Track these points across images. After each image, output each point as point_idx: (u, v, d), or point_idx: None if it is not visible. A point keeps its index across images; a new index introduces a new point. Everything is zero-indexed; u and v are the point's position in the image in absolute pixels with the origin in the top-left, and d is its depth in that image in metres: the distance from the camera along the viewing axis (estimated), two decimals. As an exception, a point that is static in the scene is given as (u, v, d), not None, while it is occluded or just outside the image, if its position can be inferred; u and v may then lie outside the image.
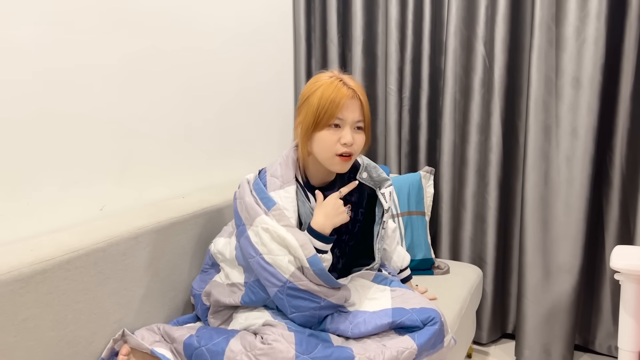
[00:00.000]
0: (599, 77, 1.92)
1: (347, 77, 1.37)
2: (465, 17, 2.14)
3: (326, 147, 1.33)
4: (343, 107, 1.31)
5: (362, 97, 1.36)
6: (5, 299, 1.04)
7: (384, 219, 1.47)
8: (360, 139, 1.36)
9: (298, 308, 1.29)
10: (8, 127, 1.23)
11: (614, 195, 2.06)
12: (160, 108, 1.68)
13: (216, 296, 1.43)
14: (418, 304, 1.32)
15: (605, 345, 2.16)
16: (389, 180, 1.50)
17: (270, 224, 1.32)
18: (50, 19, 1.31)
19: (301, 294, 1.28)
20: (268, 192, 1.37)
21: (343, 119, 1.32)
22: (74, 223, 1.40)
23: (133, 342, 1.31)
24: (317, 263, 1.27)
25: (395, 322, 1.27)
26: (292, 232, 1.30)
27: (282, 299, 1.30)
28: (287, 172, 1.40)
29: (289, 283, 1.27)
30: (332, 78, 1.35)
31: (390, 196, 1.49)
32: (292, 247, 1.28)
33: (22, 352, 1.08)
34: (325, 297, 1.29)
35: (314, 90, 1.34)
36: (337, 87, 1.32)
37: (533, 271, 2.09)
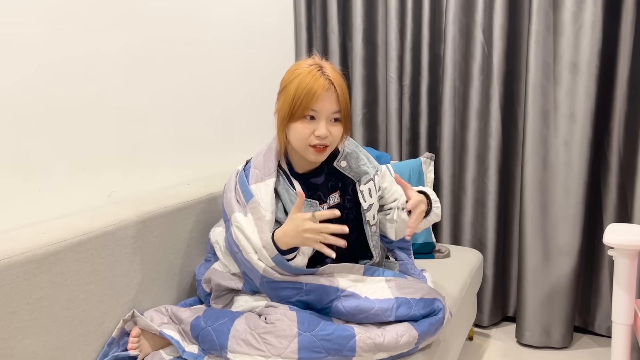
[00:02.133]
0: (596, 61, 1.94)
1: (328, 66, 1.34)
2: (463, 4, 2.17)
3: (300, 138, 1.32)
4: (318, 98, 1.28)
5: (340, 87, 1.32)
6: (20, 278, 1.08)
7: (367, 218, 1.45)
8: (336, 130, 1.33)
9: (283, 297, 1.32)
10: (20, 117, 1.27)
11: (611, 178, 2.09)
12: (166, 97, 1.72)
13: (217, 280, 1.45)
14: (418, 294, 1.32)
15: (604, 326, 2.20)
16: (369, 173, 1.47)
17: (241, 222, 1.32)
18: (55, 11, 1.35)
19: (280, 284, 1.30)
20: (249, 185, 1.37)
21: (318, 111, 1.30)
22: (84, 208, 1.44)
23: (142, 323, 1.35)
24: (281, 262, 1.28)
25: (400, 313, 1.28)
26: (258, 230, 1.30)
27: (267, 290, 1.33)
28: (268, 164, 1.39)
29: (264, 278, 1.30)
30: (312, 67, 1.32)
31: (371, 192, 1.45)
32: (257, 248, 1.29)
33: (37, 329, 1.12)
34: (306, 282, 1.30)
35: (292, 79, 1.32)
36: (314, 77, 1.29)
37: (533, 254, 2.12)
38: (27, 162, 1.29)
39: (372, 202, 1.46)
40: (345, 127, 1.37)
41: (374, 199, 1.47)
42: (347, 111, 1.36)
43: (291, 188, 1.39)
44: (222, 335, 1.26)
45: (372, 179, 1.47)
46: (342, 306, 1.28)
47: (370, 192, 1.46)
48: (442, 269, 1.89)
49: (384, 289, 1.34)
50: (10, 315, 1.07)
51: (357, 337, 1.22)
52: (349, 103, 1.37)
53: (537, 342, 2.16)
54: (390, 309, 1.28)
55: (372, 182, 1.47)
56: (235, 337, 1.24)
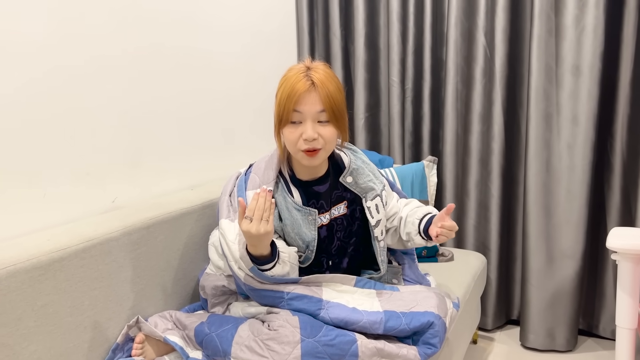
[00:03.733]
0: (598, 64, 1.95)
1: (315, 66, 1.31)
2: (465, 8, 2.17)
3: (290, 143, 1.31)
4: (299, 100, 1.27)
5: (323, 86, 1.27)
6: (25, 285, 1.09)
7: (375, 234, 1.45)
8: (326, 132, 1.29)
9: (266, 303, 1.32)
10: (25, 123, 1.28)
11: (615, 181, 2.09)
12: (169, 103, 1.72)
13: (212, 283, 1.46)
14: (408, 306, 1.30)
15: (608, 329, 2.20)
16: (375, 189, 1.45)
17: (224, 229, 1.33)
18: (60, 17, 1.36)
19: (261, 292, 1.31)
20: (246, 191, 1.37)
21: (302, 112, 1.28)
22: (88, 214, 1.45)
23: (147, 329, 1.35)
24: (257, 273, 1.29)
25: (389, 326, 1.26)
26: (239, 241, 1.29)
27: (252, 295, 1.34)
28: (268, 172, 1.38)
29: (246, 285, 1.31)
30: (298, 71, 1.30)
31: (378, 208, 1.45)
32: (235, 258, 1.30)
33: (43, 336, 1.13)
34: (287, 291, 1.30)
35: (281, 84, 1.32)
36: (296, 79, 1.27)
37: (536, 257, 2.12)
38: (31, 169, 1.30)
39: (380, 218, 1.46)
40: (339, 128, 1.32)
41: (381, 215, 1.46)
42: (338, 111, 1.30)
43: (289, 195, 1.39)
44: (225, 342, 1.26)
45: (379, 195, 1.46)
46: (329, 317, 1.27)
47: (378, 208, 1.45)
48: (446, 273, 1.89)
49: (373, 301, 1.33)
50: (15, 322, 1.07)
51: (358, 342, 1.22)
52: (343, 103, 1.32)
53: (541, 346, 2.16)
54: (378, 322, 1.26)
55: (378, 197, 1.46)
56: (239, 344, 1.24)
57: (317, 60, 1.35)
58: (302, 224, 1.38)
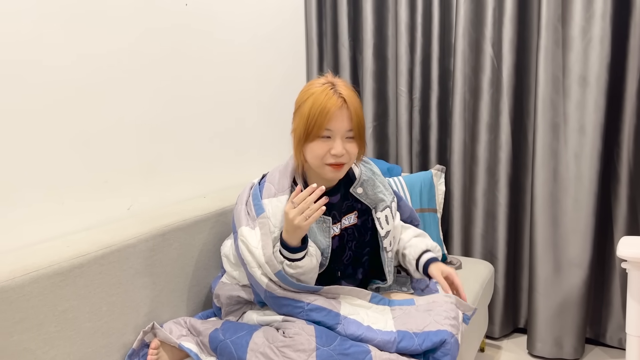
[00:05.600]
0: (605, 75, 1.97)
1: (340, 83, 1.35)
2: (473, 19, 2.20)
3: (317, 157, 1.34)
4: (332, 118, 1.30)
5: (352, 105, 1.33)
6: (47, 290, 1.11)
7: (384, 245, 1.46)
8: (352, 148, 1.35)
9: (284, 312, 1.33)
10: (43, 133, 1.30)
11: (621, 191, 2.11)
12: (183, 113, 1.75)
13: (226, 293, 1.47)
14: (421, 326, 1.30)
15: (616, 338, 2.20)
16: (385, 201, 1.47)
17: (246, 235, 1.34)
18: (76, 26, 1.39)
19: (281, 300, 1.32)
20: (262, 199, 1.39)
21: (333, 130, 1.31)
22: (105, 221, 1.47)
23: (162, 336, 1.37)
24: (283, 278, 1.30)
25: (402, 346, 1.26)
26: (262, 246, 1.31)
27: (269, 303, 1.35)
28: (283, 181, 1.40)
29: (268, 292, 1.32)
30: (325, 85, 1.33)
31: (388, 220, 1.46)
32: (260, 263, 1.31)
33: (63, 341, 1.15)
34: (308, 302, 1.31)
35: (305, 98, 1.34)
36: (327, 96, 1.30)
37: (543, 266, 2.14)
38: (52, 176, 1.32)
39: (390, 229, 1.47)
40: (360, 144, 1.38)
41: (390, 226, 1.48)
42: (362, 128, 1.36)
43: None
44: (240, 348, 1.28)
45: (389, 206, 1.48)
46: (345, 333, 1.28)
47: (387, 219, 1.47)
48: (455, 281, 1.90)
49: (387, 320, 1.33)
50: (37, 327, 1.09)
51: (372, 352, 1.23)
52: (364, 120, 1.39)
53: (549, 354, 2.16)
54: (392, 342, 1.26)
55: (388, 209, 1.48)
56: (254, 350, 1.26)
57: (336, 76, 1.39)
58: (317, 232, 1.40)
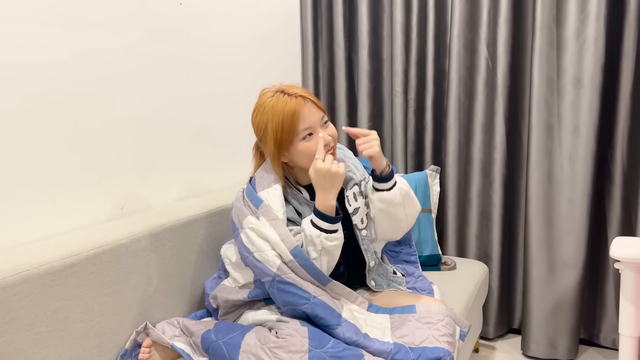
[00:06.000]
0: (599, 76, 1.97)
1: (287, 86, 1.39)
2: (468, 20, 2.20)
3: (309, 156, 1.36)
4: (304, 117, 1.34)
5: (310, 95, 1.38)
6: (38, 290, 1.11)
7: (355, 222, 1.46)
8: (333, 130, 1.40)
9: (288, 303, 1.32)
10: (35, 132, 1.30)
11: (615, 192, 2.11)
12: (177, 112, 1.75)
13: (224, 296, 1.46)
14: (418, 340, 1.28)
15: (609, 339, 2.21)
16: (354, 179, 1.47)
17: (255, 223, 1.35)
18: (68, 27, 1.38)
19: (289, 288, 1.30)
20: (257, 193, 1.41)
21: (311, 126, 1.36)
22: (97, 221, 1.47)
23: (155, 336, 1.37)
24: (299, 254, 1.31)
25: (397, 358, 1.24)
26: (275, 227, 1.33)
27: (274, 294, 1.34)
28: (271, 175, 1.43)
29: (277, 277, 1.31)
30: (276, 94, 1.37)
31: (356, 197, 1.46)
32: (274, 243, 1.32)
33: (54, 341, 1.14)
34: (314, 295, 1.30)
35: (266, 119, 1.36)
36: (283, 103, 1.34)
37: (538, 266, 2.14)
38: (44, 176, 1.32)
39: (358, 206, 1.46)
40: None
41: (359, 203, 1.46)
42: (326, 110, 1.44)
43: (299, 193, 1.45)
44: (232, 349, 1.27)
45: (358, 184, 1.48)
46: (343, 336, 1.27)
47: (356, 196, 1.47)
48: (449, 282, 1.91)
49: (385, 330, 1.32)
50: (28, 327, 1.09)
51: (365, 357, 1.23)
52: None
53: (543, 355, 2.17)
54: (387, 352, 1.25)
55: (357, 186, 1.48)
56: (246, 352, 1.25)
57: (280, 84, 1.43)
58: None
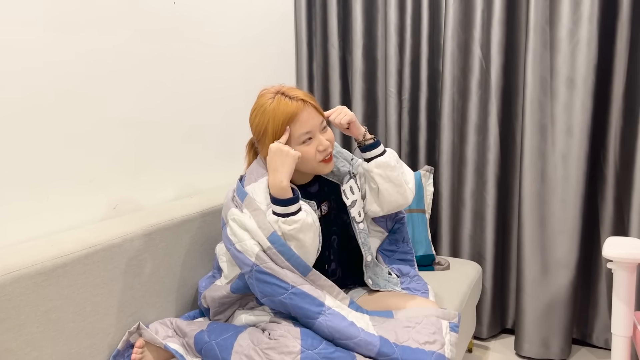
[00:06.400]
0: (592, 77, 1.98)
1: (288, 88, 1.40)
2: (462, 20, 2.20)
3: (309, 160, 1.39)
4: (304, 121, 1.35)
5: (311, 99, 1.39)
6: (29, 291, 1.10)
7: (352, 215, 1.48)
8: (330, 135, 1.41)
9: (267, 294, 1.30)
10: (28, 130, 1.29)
11: (608, 192, 2.12)
12: (170, 112, 1.74)
13: (212, 294, 1.46)
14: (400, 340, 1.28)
15: (602, 339, 2.22)
16: (348, 173, 1.50)
17: (237, 214, 1.36)
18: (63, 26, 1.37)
19: (267, 277, 1.29)
20: (244, 187, 1.42)
21: (311, 131, 1.37)
22: (91, 221, 1.46)
23: (147, 336, 1.36)
24: (276, 240, 1.30)
25: (383, 351, 1.24)
26: (254, 217, 1.33)
27: (252, 285, 1.33)
28: (260, 170, 1.44)
29: (255, 266, 1.30)
30: (277, 96, 1.38)
31: (353, 190, 1.48)
32: (252, 231, 1.32)
33: (45, 342, 1.13)
34: (293, 284, 1.29)
35: (266, 120, 1.37)
36: (285, 106, 1.35)
37: (531, 267, 2.14)
38: (35, 174, 1.31)
39: (356, 199, 1.48)
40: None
41: (356, 196, 1.49)
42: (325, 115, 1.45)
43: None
44: (225, 350, 1.27)
45: (352, 177, 1.50)
46: (326, 326, 1.26)
47: (352, 189, 1.49)
48: (442, 282, 1.91)
49: (368, 323, 1.32)
50: (19, 328, 1.08)
51: (357, 358, 1.22)
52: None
53: (536, 354, 2.17)
54: (374, 343, 1.24)
55: (352, 180, 1.50)
56: (239, 353, 1.25)
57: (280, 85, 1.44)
58: None
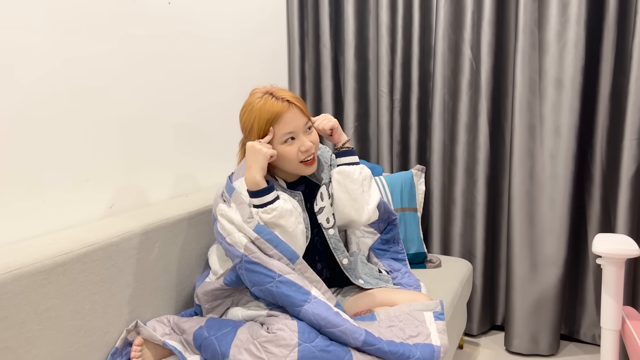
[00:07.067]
0: (579, 78, 2.02)
1: (276, 89, 1.43)
2: (452, 22, 2.24)
3: (290, 160, 1.42)
4: (288, 121, 1.38)
5: (297, 100, 1.42)
6: (29, 289, 1.10)
7: (320, 221, 1.50)
8: (315, 137, 1.45)
9: (255, 282, 1.33)
10: (26, 130, 1.29)
11: (595, 191, 2.17)
12: (165, 113, 1.75)
13: (204, 289, 1.47)
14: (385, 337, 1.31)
15: (589, 334, 2.26)
16: (324, 178, 1.53)
17: (224, 209, 1.39)
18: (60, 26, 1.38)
19: (256, 267, 1.32)
20: (232, 183, 1.44)
21: (294, 131, 1.40)
22: (87, 220, 1.46)
23: (146, 333, 1.37)
24: (262, 230, 1.34)
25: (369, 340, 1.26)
26: (240, 210, 1.37)
27: (242, 275, 1.36)
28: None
29: (244, 257, 1.32)
30: (265, 96, 1.41)
31: (323, 196, 1.51)
32: (238, 225, 1.35)
33: (45, 340, 1.14)
34: (280, 273, 1.31)
35: (252, 118, 1.40)
36: (271, 105, 1.38)
37: (520, 264, 2.18)
38: (32, 173, 1.31)
39: (324, 205, 1.52)
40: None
41: (325, 203, 1.52)
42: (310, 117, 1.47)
43: (275, 181, 1.48)
44: (224, 344, 1.29)
45: (326, 184, 1.54)
46: (312, 313, 1.28)
47: (322, 196, 1.52)
48: (434, 279, 1.94)
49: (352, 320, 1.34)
50: (19, 326, 1.08)
51: (352, 352, 1.25)
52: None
53: (526, 350, 2.21)
54: (359, 332, 1.27)
55: (324, 186, 1.54)
56: (238, 346, 1.27)
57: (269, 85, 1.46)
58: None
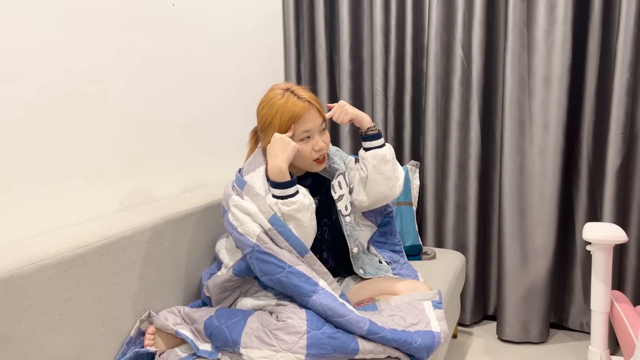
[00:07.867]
0: (567, 76, 2.11)
1: (297, 87, 1.49)
2: (444, 22, 2.31)
3: (304, 158, 1.48)
4: (306, 120, 1.45)
5: (316, 101, 1.48)
6: (52, 280, 1.15)
7: (339, 208, 1.57)
8: (327, 138, 1.52)
9: (266, 272, 1.38)
10: (42, 128, 1.33)
11: (582, 184, 2.25)
12: (170, 113, 1.80)
13: (214, 281, 1.52)
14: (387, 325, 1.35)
15: (577, 322, 2.35)
16: (339, 169, 1.59)
17: (238, 200, 1.43)
18: (70, 26, 1.42)
19: (267, 257, 1.36)
20: (243, 177, 1.49)
21: (311, 130, 1.46)
22: (99, 215, 1.51)
23: (158, 323, 1.42)
24: (276, 222, 1.39)
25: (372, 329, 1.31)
26: (255, 201, 1.41)
27: (253, 264, 1.40)
28: (257, 161, 1.51)
29: (256, 247, 1.37)
30: (286, 94, 1.47)
31: (341, 185, 1.58)
32: (253, 215, 1.40)
33: (66, 329, 1.19)
34: (290, 264, 1.37)
35: (274, 113, 1.46)
36: (294, 103, 1.44)
37: (511, 256, 2.26)
38: (48, 170, 1.36)
39: (343, 193, 1.58)
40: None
41: (344, 191, 1.58)
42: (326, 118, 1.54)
43: None
44: (235, 332, 1.34)
45: (342, 174, 1.60)
46: (320, 303, 1.33)
47: (340, 184, 1.58)
48: (430, 270, 2.00)
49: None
50: (43, 315, 1.13)
51: (357, 339, 1.31)
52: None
53: (517, 338, 2.29)
54: (364, 321, 1.31)
55: (342, 175, 1.59)
56: (249, 334, 1.32)
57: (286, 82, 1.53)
58: None
